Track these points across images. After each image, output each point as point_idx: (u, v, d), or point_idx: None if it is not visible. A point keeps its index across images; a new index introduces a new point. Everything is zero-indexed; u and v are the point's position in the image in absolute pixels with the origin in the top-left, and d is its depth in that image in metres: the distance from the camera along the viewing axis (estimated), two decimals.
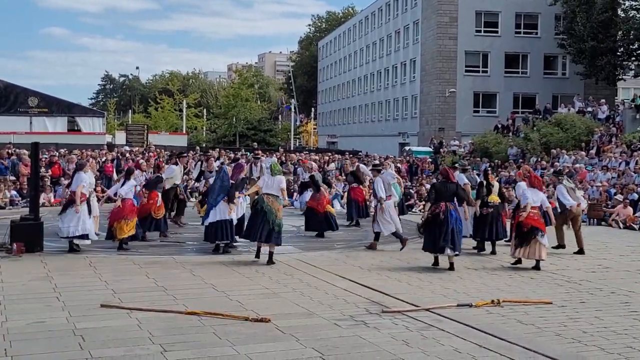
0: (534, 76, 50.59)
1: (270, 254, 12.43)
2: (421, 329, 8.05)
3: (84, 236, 13.32)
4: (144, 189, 15.51)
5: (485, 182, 14.37)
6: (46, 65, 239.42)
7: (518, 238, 12.40)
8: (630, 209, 20.37)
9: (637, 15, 41.27)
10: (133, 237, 14.20)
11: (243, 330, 7.77)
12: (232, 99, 62.62)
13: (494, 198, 14.18)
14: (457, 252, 12.05)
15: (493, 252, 14.09)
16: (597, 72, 43.41)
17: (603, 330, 8.16)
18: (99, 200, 14.85)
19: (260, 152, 28.89)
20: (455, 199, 12.25)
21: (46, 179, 23.49)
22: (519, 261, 12.60)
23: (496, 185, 14.56)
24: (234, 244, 13.79)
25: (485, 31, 50.28)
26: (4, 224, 14.28)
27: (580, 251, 14.31)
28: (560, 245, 14.51)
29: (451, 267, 12.02)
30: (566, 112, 36.27)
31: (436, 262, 12.34)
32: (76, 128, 41.65)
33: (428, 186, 19.73)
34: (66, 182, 23.85)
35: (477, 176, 16.70)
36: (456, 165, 17.53)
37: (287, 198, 16.51)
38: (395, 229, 14.16)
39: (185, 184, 19.91)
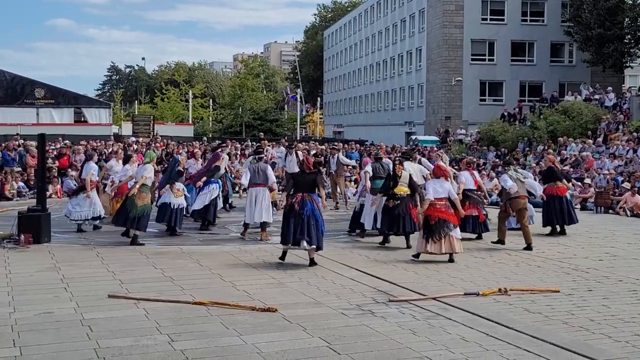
0: (541, 64, 50.32)
1: (134, 236, 13.27)
2: (428, 317, 8.06)
3: (96, 218, 14.69)
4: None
5: (392, 174, 13.54)
6: (52, 57, 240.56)
7: (426, 231, 11.83)
8: (637, 197, 20.26)
9: None
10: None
11: (250, 320, 7.79)
12: (238, 89, 62.56)
13: (402, 190, 13.36)
14: (314, 245, 11.13)
15: (408, 247, 13.14)
16: (604, 60, 43.16)
17: (610, 318, 8.15)
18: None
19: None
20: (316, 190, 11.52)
21: (53, 170, 23.55)
22: (417, 256, 11.97)
23: (405, 175, 13.52)
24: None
25: (491, 19, 50.00)
26: (12, 215, 14.35)
27: (528, 247, 13.31)
28: (500, 241, 13.69)
29: (312, 263, 11.23)
30: (573, 100, 36.08)
31: (283, 257, 11.48)
32: (83, 119, 41.74)
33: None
34: (73, 173, 24.01)
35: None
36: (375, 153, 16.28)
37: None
38: (247, 220, 14.14)
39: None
